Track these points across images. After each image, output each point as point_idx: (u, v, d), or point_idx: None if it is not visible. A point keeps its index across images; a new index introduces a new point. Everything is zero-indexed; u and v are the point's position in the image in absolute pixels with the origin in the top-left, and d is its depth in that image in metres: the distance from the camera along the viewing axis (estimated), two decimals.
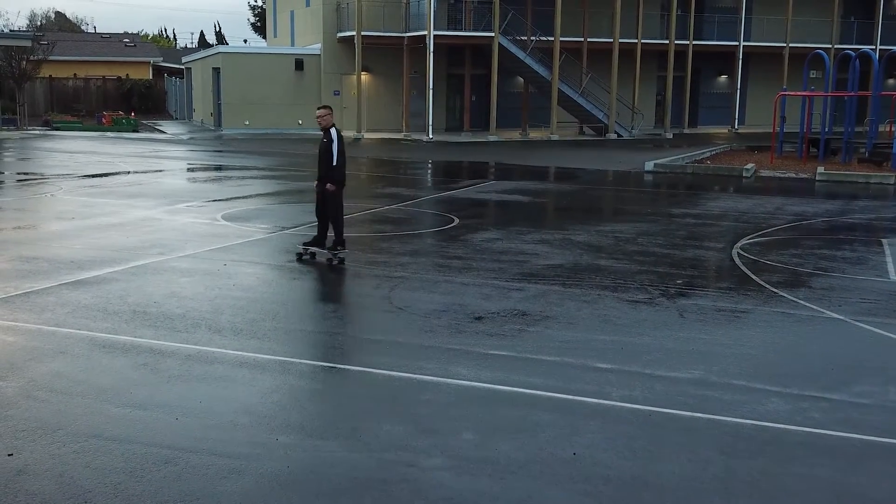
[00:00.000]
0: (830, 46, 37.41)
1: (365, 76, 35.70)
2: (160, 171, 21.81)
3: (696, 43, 38.16)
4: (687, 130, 38.61)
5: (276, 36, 45.79)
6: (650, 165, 23.41)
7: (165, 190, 17.61)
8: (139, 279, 9.35)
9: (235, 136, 34.80)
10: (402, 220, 14.22)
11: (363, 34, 33.88)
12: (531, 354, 7.02)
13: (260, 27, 60.91)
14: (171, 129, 40.29)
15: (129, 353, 6.88)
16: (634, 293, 9.16)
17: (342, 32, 35.94)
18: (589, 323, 8.03)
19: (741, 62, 39.55)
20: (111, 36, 58.92)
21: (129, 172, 20.97)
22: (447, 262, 10.62)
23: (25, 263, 10.05)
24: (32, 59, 39.57)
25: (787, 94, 26.80)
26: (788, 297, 9.13)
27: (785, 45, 39.18)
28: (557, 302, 8.72)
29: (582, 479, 4.87)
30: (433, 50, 33.12)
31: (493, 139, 33.33)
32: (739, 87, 39.69)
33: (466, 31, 35.05)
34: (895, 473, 5.05)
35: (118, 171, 21.32)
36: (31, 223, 13.11)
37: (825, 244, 12.42)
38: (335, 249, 10.47)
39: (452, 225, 13.49)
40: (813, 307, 8.71)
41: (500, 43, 33.09)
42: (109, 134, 37.11)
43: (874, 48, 35.46)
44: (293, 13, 41.70)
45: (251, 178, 20.12)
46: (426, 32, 33.07)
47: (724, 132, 38.89)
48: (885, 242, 12.58)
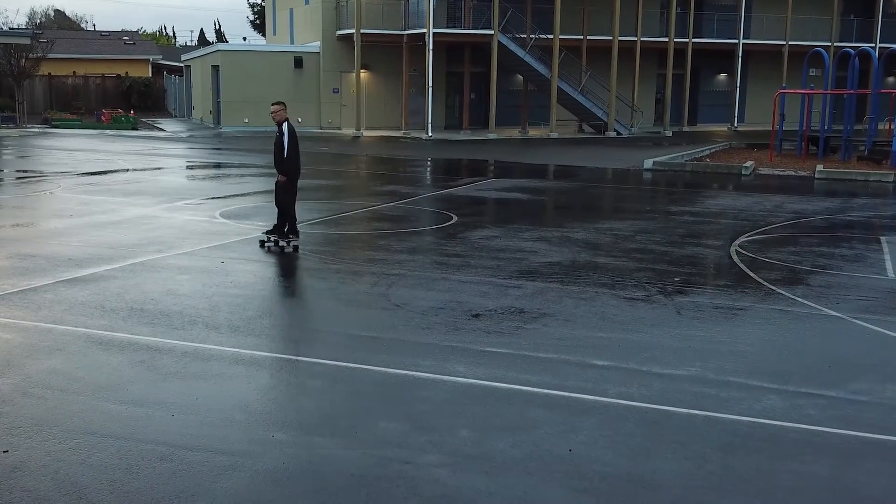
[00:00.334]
0: (830, 44, 37.37)
1: (364, 74, 35.67)
2: (159, 168, 21.79)
3: (695, 41, 38.14)
4: (686, 128, 38.57)
5: (275, 34, 45.76)
6: (649, 163, 23.40)
7: (164, 187, 17.60)
8: (137, 276, 9.34)
9: (234, 133, 34.78)
10: (400, 217, 14.22)
11: (362, 32, 33.84)
12: (528, 352, 7.01)
13: (259, 25, 60.88)
14: (170, 126, 40.27)
15: (125, 350, 6.88)
16: (632, 291, 9.16)
17: (341, 30, 35.91)
18: (586, 320, 8.02)
19: (741, 60, 39.52)
20: (111, 34, 58.87)
21: (127, 170, 20.96)
22: (445, 259, 10.62)
23: (23, 261, 10.05)
24: (32, 56, 39.52)
25: (786, 91, 26.80)
26: (786, 294, 9.12)
27: (784, 42, 39.16)
28: (555, 299, 8.72)
29: (578, 475, 4.87)
30: (432, 48, 33.09)
31: (492, 137, 33.31)
32: (739, 84, 39.66)
33: (466, 28, 35.00)
34: (891, 470, 5.05)
35: (117, 168, 21.30)
36: (29, 220, 13.10)
37: (824, 242, 12.42)
38: (286, 236, 11.05)
39: (451, 223, 13.48)
40: (811, 304, 8.71)
41: (499, 41, 33.06)
42: (108, 132, 37.09)
43: (874, 46, 35.43)
44: (292, 11, 41.67)
45: (250, 175, 20.11)
46: (425, 30, 33.04)
47: (723, 130, 38.87)
48: (883, 240, 12.58)
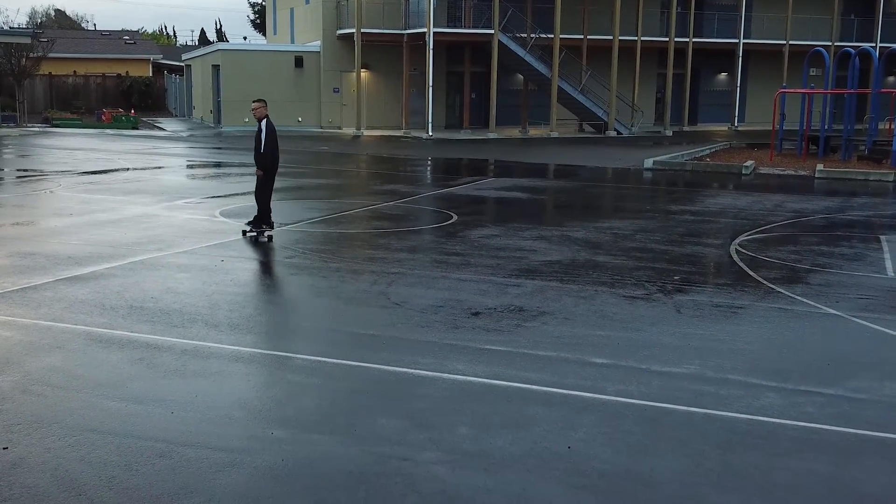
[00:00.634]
0: (830, 44, 37.37)
1: (364, 73, 35.68)
2: (159, 167, 21.80)
3: (695, 40, 38.15)
4: (686, 128, 38.59)
5: (275, 33, 45.78)
6: (649, 163, 23.40)
7: (164, 186, 17.61)
8: (136, 275, 9.35)
9: (235, 133, 34.78)
10: (400, 216, 14.22)
11: (363, 31, 33.85)
12: (527, 350, 7.02)
13: (260, 24, 60.88)
14: (170, 126, 40.29)
15: (125, 347, 6.89)
16: (632, 289, 9.16)
17: (342, 30, 35.92)
18: (586, 319, 8.03)
19: (741, 59, 39.53)
20: (111, 33, 58.90)
21: (127, 169, 20.97)
22: (445, 258, 10.62)
23: (23, 259, 10.06)
24: (32, 56, 39.53)
25: (786, 91, 26.80)
26: (786, 293, 9.13)
27: (785, 42, 39.17)
28: (554, 298, 8.73)
29: (577, 472, 4.87)
30: (433, 47, 33.09)
31: (492, 136, 33.32)
32: (739, 84, 39.67)
33: (466, 28, 35.00)
34: (890, 468, 5.05)
35: (117, 167, 21.32)
36: (29, 219, 13.11)
37: (823, 241, 12.42)
38: (259, 227, 11.61)
39: (451, 221, 13.49)
40: (810, 303, 8.72)
41: (499, 40, 33.07)
42: (109, 131, 37.11)
43: (874, 46, 35.42)
44: (293, 10, 41.68)
45: (250, 175, 20.05)
46: (426, 30, 33.05)
47: (723, 130, 38.88)
48: (883, 239, 12.58)
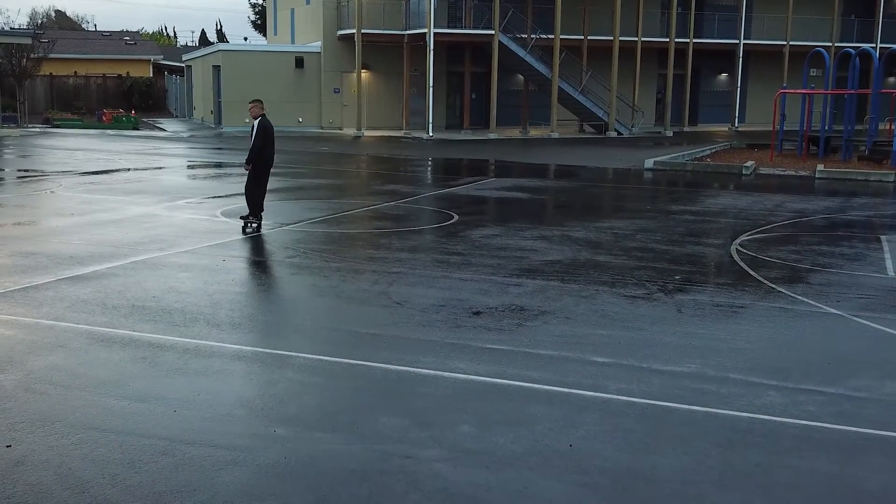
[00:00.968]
0: (831, 44, 37.38)
1: (365, 74, 35.70)
2: (160, 168, 21.82)
3: (696, 41, 38.16)
4: (687, 128, 38.60)
5: (276, 34, 45.80)
6: (650, 163, 23.41)
7: (165, 187, 17.62)
8: (138, 274, 9.37)
9: (235, 133, 34.78)
10: (401, 216, 14.24)
11: (363, 32, 33.87)
12: (529, 348, 7.03)
13: (260, 25, 60.90)
14: (171, 126, 40.31)
15: (127, 346, 6.90)
16: (633, 289, 9.17)
17: (342, 30, 35.94)
18: (587, 318, 8.04)
19: (741, 60, 39.54)
20: (112, 34, 58.91)
21: (128, 169, 20.99)
22: (446, 257, 10.64)
23: (25, 259, 10.07)
24: (33, 56, 39.57)
25: (787, 91, 26.81)
26: (787, 292, 9.14)
27: (785, 43, 39.18)
28: (555, 297, 8.74)
29: (578, 470, 4.88)
30: (433, 48, 33.12)
31: (493, 137, 33.33)
32: (739, 85, 39.68)
33: (466, 28, 35.02)
34: (890, 466, 5.06)
35: (118, 168, 21.33)
36: (30, 219, 13.13)
37: (824, 241, 12.44)
38: (246, 217, 12.26)
39: (451, 221, 13.50)
40: (811, 302, 8.73)
41: (500, 41, 33.09)
42: (109, 131, 37.13)
43: (874, 46, 35.43)
44: (293, 11, 41.70)
45: None
46: (426, 30, 33.07)
47: (724, 130, 38.89)
48: (883, 239, 12.60)
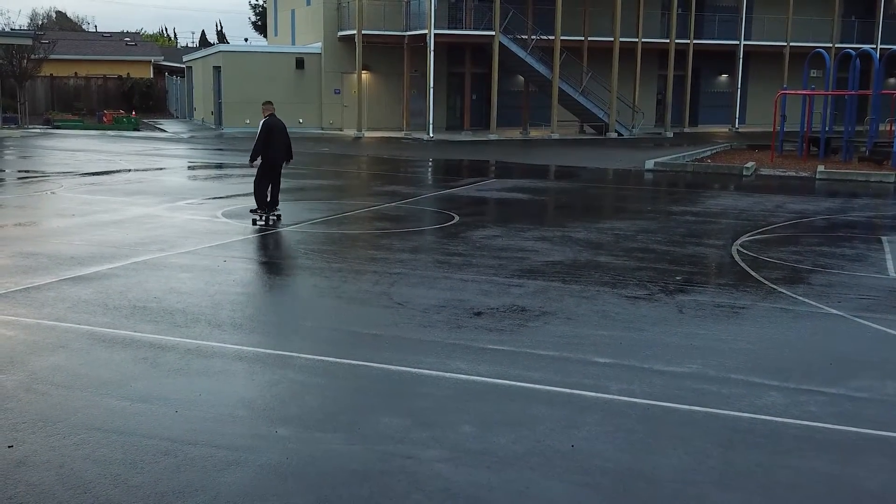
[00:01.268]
0: (831, 45, 37.39)
1: (365, 75, 35.71)
2: (160, 169, 21.83)
3: (696, 42, 38.17)
4: (687, 129, 38.60)
5: (276, 35, 45.81)
6: (650, 164, 23.42)
7: (166, 187, 17.63)
8: (139, 275, 9.37)
9: (236, 134, 34.81)
10: (402, 217, 14.24)
11: (364, 33, 33.89)
12: (530, 349, 7.04)
13: (261, 26, 60.95)
14: (171, 127, 40.32)
15: (129, 347, 6.90)
16: (634, 289, 9.18)
17: (343, 31, 35.95)
18: (588, 318, 8.04)
19: (742, 61, 39.55)
20: (112, 35, 58.94)
21: (129, 170, 21.00)
22: (447, 258, 10.64)
23: (26, 259, 10.08)
24: (33, 57, 39.58)
25: (787, 92, 26.82)
26: (787, 293, 9.14)
27: (785, 44, 39.19)
28: (557, 298, 8.74)
29: (580, 471, 4.89)
30: (433, 49, 33.12)
31: (493, 138, 33.34)
32: (740, 86, 39.68)
33: (467, 29, 35.03)
34: (891, 466, 5.07)
35: (119, 168, 21.34)
36: (31, 220, 13.13)
37: (825, 241, 12.44)
38: (255, 212, 12.93)
39: (452, 222, 13.51)
40: (812, 303, 8.73)
41: (500, 42, 33.10)
42: (110, 132, 37.14)
43: (875, 47, 35.45)
44: (294, 12, 41.72)
45: (251, 175, 20.05)
46: (427, 31, 33.08)
47: (724, 131, 38.89)
48: (884, 240, 12.60)
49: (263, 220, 12.80)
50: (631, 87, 37.20)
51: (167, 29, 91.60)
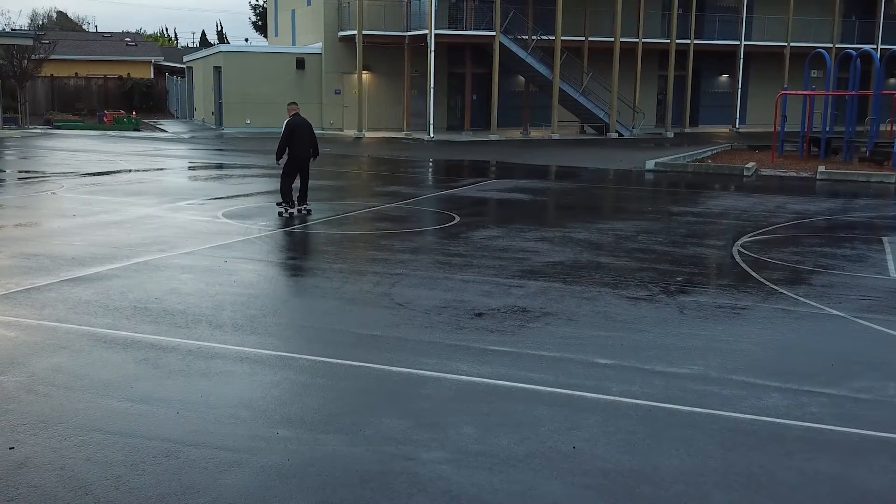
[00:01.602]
0: (831, 46, 37.40)
1: (366, 75, 35.72)
2: (161, 169, 21.83)
3: (697, 42, 38.18)
4: (688, 129, 38.62)
5: (277, 35, 45.82)
6: (651, 164, 23.42)
7: (166, 188, 17.63)
8: (140, 276, 9.37)
9: (236, 134, 34.82)
10: (402, 217, 14.24)
11: (364, 33, 33.91)
12: (531, 350, 7.03)
13: (261, 26, 60.95)
14: (172, 127, 40.33)
15: (129, 348, 6.90)
16: (635, 290, 9.17)
17: (343, 31, 35.96)
18: (589, 319, 8.04)
19: (742, 61, 39.56)
20: (112, 35, 58.97)
21: (130, 171, 21.00)
22: (448, 259, 10.64)
23: (27, 260, 10.08)
24: (34, 58, 39.61)
25: (788, 93, 26.81)
26: (788, 294, 9.14)
27: (786, 44, 39.19)
28: (558, 299, 8.74)
29: (581, 472, 4.88)
30: (434, 49, 33.13)
31: (493, 138, 33.34)
32: (740, 86, 39.69)
33: (467, 30, 35.04)
34: (893, 467, 5.06)
35: (119, 169, 21.34)
36: (32, 220, 13.13)
37: (826, 242, 12.43)
38: (280, 205, 13.83)
39: (453, 223, 13.51)
40: (813, 304, 8.73)
41: (501, 42, 33.11)
42: (111, 133, 37.15)
43: (875, 47, 35.46)
44: (294, 12, 41.73)
45: (252, 176, 20.15)
46: (427, 32, 33.09)
47: (725, 131, 38.90)
48: (885, 240, 12.60)
49: (288, 213, 13.66)
50: (631, 87, 37.21)
51: (167, 29, 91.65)
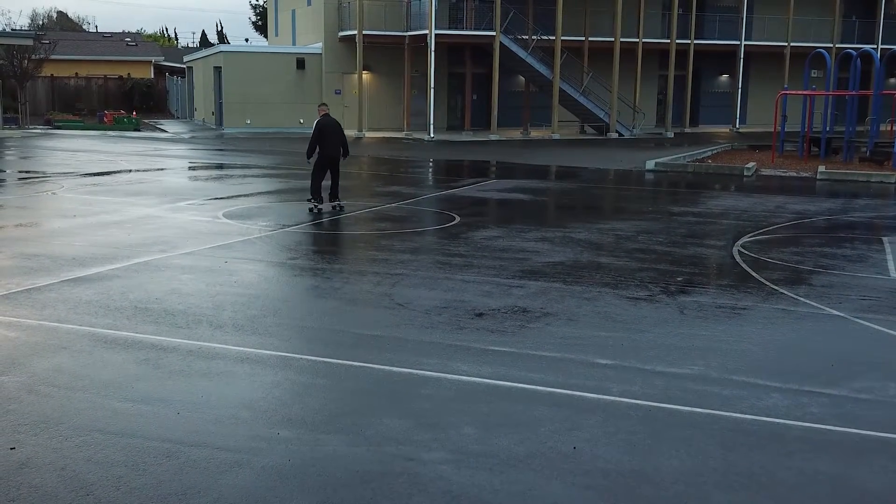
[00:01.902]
0: (832, 45, 37.39)
1: (366, 75, 35.72)
2: (161, 169, 21.83)
3: (697, 42, 38.17)
4: (688, 129, 38.61)
5: (277, 35, 45.82)
6: (651, 164, 23.42)
7: (167, 188, 17.63)
8: (141, 276, 9.38)
9: (236, 135, 34.83)
10: (403, 218, 14.24)
11: (364, 33, 33.91)
12: (532, 350, 7.04)
13: (261, 26, 60.95)
14: (172, 128, 40.33)
15: (130, 348, 6.91)
16: (635, 290, 9.18)
17: (343, 31, 35.96)
18: (589, 319, 8.04)
19: (742, 61, 39.55)
20: (113, 35, 58.96)
21: (130, 171, 21.00)
22: (448, 259, 10.64)
23: (27, 260, 10.08)
24: (34, 58, 39.60)
25: (788, 93, 26.81)
26: (789, 294, 9.14)
27: (786, 44, 39.18)
28: (558, 299, 8.74)
29: (582, 472, 4.89)
30: (434, 49, 33.13)
31: (494, 138, 33.34)
32: (741, 86, 39.68)
33: (468, 30, 35.04)
34: (893, 468, 5.06)
35: (119, 169, 21.35)
36: (32, 221, 13.13)
37: (826, 242, 12.44)
38: (310, 200, 14.36)
39: (453, 223, 13.51)
40: (813, 304, 8.73)
41: (501, 42, 33.10)
42: (111, 133, 37.16)
43: (875, 47, 35.45)
44: (294, 12, 41.73)
45: (252, 176, 20.15)
46: (427, 32, 33.09)
47: (725, 131, 38.89)
48: (885, 240, 12.60)
49: (318, 209, 14.20)
50: (631, 87, 37.20)
51: (167, 29, 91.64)
